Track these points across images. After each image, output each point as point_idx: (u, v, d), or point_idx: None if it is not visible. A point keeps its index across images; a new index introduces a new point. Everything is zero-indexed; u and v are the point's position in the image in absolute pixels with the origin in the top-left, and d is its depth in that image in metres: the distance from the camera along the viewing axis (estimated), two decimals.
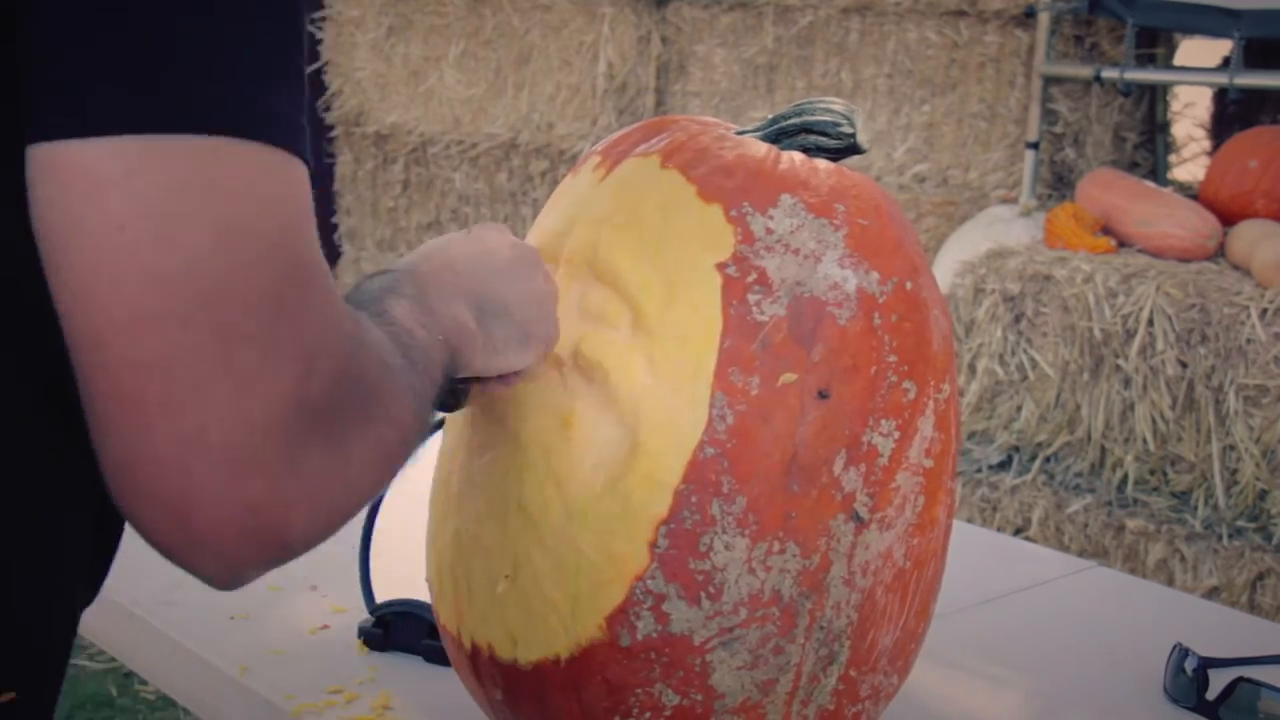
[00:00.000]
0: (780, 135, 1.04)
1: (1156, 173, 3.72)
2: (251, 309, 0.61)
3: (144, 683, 2.85)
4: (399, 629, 1.25)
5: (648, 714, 0.93)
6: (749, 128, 1.07)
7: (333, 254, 5.12)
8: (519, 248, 0.95)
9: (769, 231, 0.94)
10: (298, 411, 0.62)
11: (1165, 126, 3.80)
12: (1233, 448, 2.85)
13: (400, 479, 1.33)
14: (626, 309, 0.94)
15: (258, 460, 0.61)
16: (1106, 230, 3.18)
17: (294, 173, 0.64)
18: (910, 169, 3.76)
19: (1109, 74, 3.35)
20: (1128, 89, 3.42)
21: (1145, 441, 2.95)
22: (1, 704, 0.71)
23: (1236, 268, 3.01)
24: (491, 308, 0.89)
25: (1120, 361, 2.95)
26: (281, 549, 0.65)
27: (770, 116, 1.06)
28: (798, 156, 1.01)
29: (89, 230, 0.59)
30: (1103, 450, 3.03)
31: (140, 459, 0.61)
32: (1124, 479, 2.99)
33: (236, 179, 0.61)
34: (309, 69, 4.32)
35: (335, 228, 5.11)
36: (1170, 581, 2.88)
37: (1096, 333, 2.97)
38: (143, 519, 0.63)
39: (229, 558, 0.64)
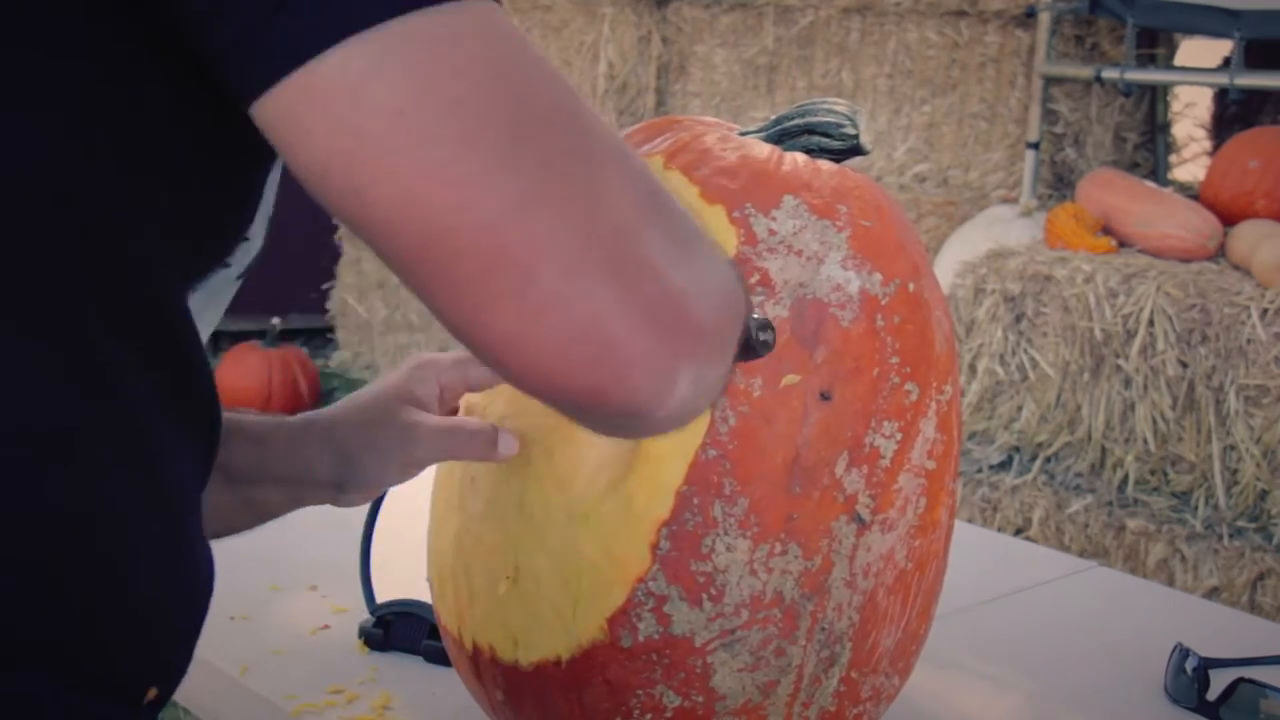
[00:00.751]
0: (783, 136, 1.04)
1: (1157, 173, 3.73)
2: (558, 131, 0.60)
3: None
4: (399, 629, 1.25)
5: (649, 715, 0.93)
6: (751, 128, 1.07)
7: (333, 254, 5.12)
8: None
9: (772, 233, 0.94)
10: (641, 206, 0.62)
11: (1166, 126, 3.80)
12: (1233, 448, 2.85)
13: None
14: None
15: (637, 260, 0.60)
16: (1107, 230, 3.18)
17: (498, 11, 0.62)
18: (911, 169, 3.76)
19: (1109, 74, 3.35)
20: (1128, 89, 3.42)
21: (1146, 441, 2.95)
22: (147, 702, 0.71)
23: (1237, 268, 3.01)
24: None
25: (1121, 361, 2.96)
26: (697, 336, 0.63)
27: (773, 117, 1.06)
28: (800, 157, 1.00)
29: (371, 133, 0.57)
30: (1103, 450, 3.03)
31: (539, 308, 0.59)
32: (1124, 479, 2.99)
33: (474, 27, 0.59)
34: None
35: (335, 228, 5.11)
36: (1171, 582, 2.88)
37: (1097, 333, 2.97)
38: (563, 372, 0.60)
39: (659, 363, 0.61)
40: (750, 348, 0.77)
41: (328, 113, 0.58)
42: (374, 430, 0.99)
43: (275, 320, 4.69)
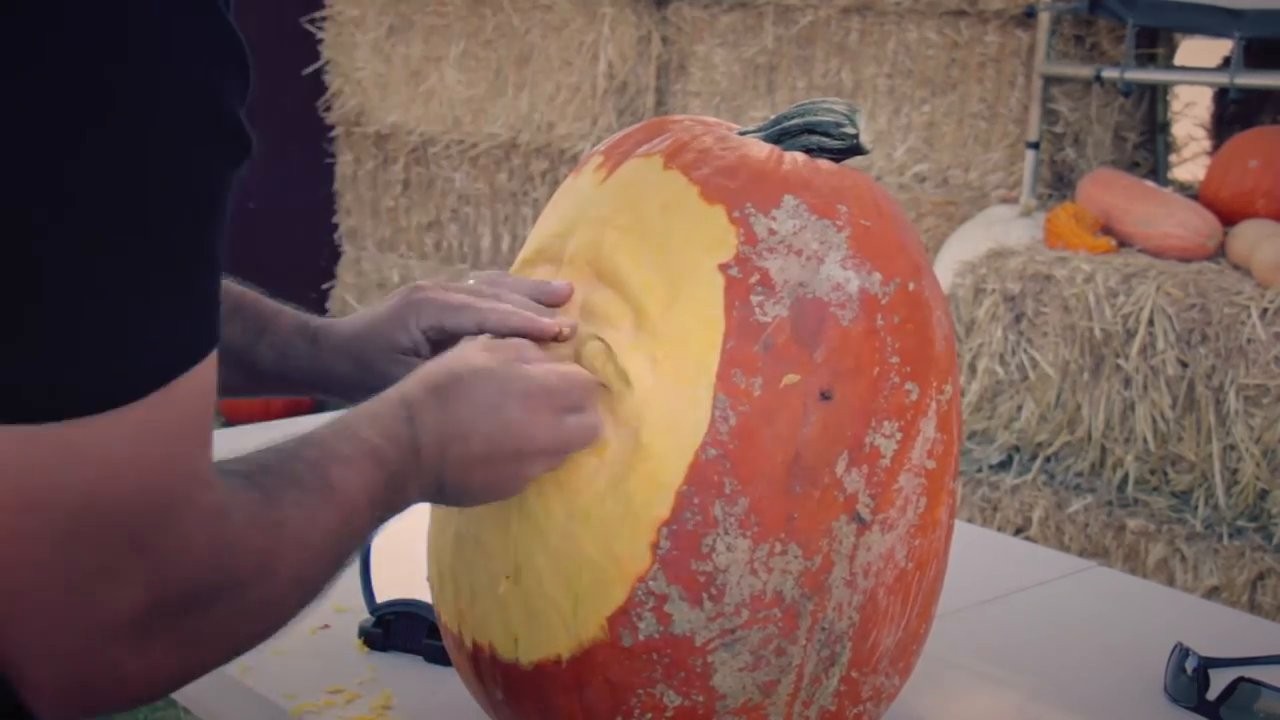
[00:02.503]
0: (782, 136, 1.04)
1: (1157, 173, 3.72)
2: (100, 545, 0.64)
3: None
4: (399, 629, 1.25)
5: (649, 715, 0.93)
6: (751, 128, 1.07)
7: (333, 254, 5.12)
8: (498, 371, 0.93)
9: (771, 233, 0.94)
10: (150, 617, 0.66)
11: (1165, 126, 3.80)
12: (1233, 447, 2.85)
13: None
14: (629, 310, 0.94)
15: (100, 657, 0.66)
16: (1107, 230, 3.18)
17: (162, 407, 0.65)
18: (910, 169, 3.76)
19: (1109, 74, 3.35)
20: (1128, 89, 3.42)
21: (1145, 441, 2.95)
22: None
23: (1237, 268, 3.00)
24: (476, 457, 0.90)
25: (1120, 361, 2.96)
26: (108, 707, 0.69)
27: (772, 117, 1.06)
28: (800, 157, 1.00)
29: None
30: (1103, 450, 3.03)
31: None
32: (1124, 479, 2.99)
33: (89, 447, 0.63)
34: (309, 69, 4.28)
35: (335, 228, 5.11)
36: (1170, 581, 2.88)
37: (1097, 332, 2.97)
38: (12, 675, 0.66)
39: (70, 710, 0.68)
40: None
41: None
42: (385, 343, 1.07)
43: None
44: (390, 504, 0.85)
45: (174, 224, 0.64)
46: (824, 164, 1.01)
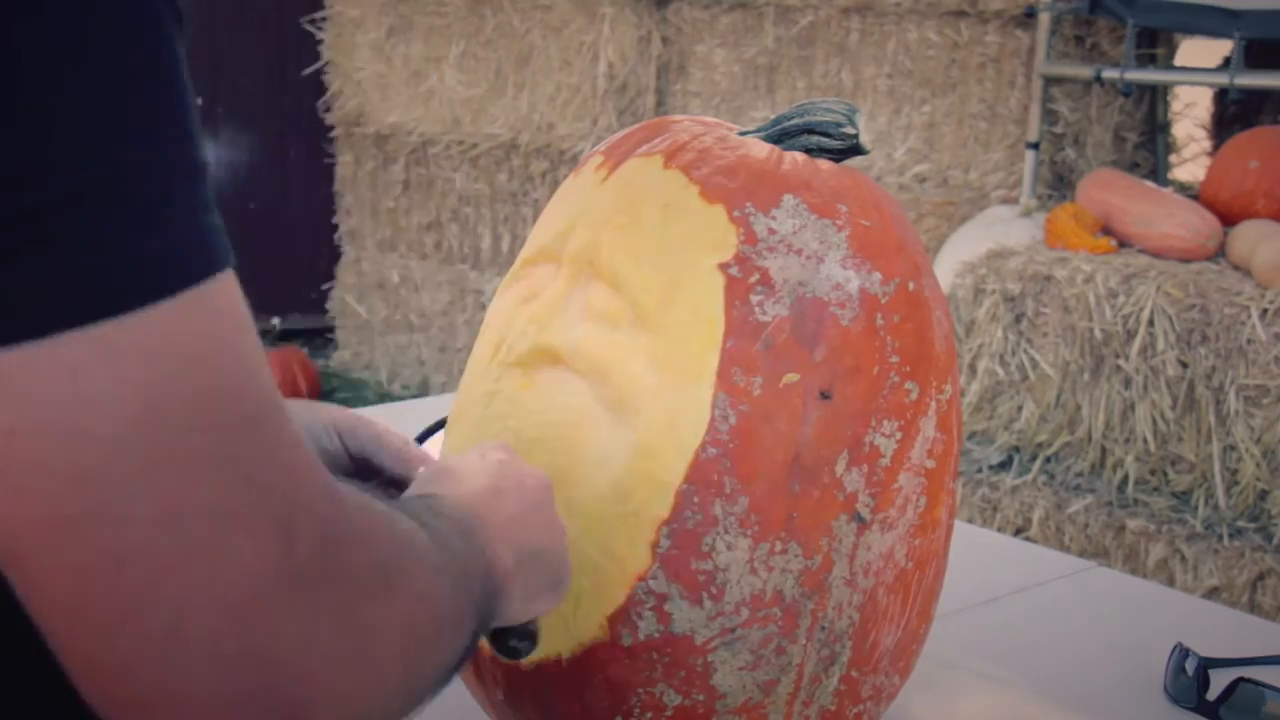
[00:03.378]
0: (782, 136, 1.04)
1: (1157, 173, 3.73)
2: (198, 483, 0.52)
3: None
4: None
5: (649, 714, 0.93)
6: (751, 128, 1.07)
7: (333, 254, 5.12)
8: (539, 480, 0.85)
9: (771, 232, 0.94)
10: (287, 582, 0.54)
11: (1165, 126, 3.80)
12: (1233, 448, 2.85)
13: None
14: (629, 309, 0.94)
15: (249, 647, 0.53)
16: (1107, 230, 3.18)
17: (211, 307, 0.54)
18: (910, 169, 3.76)
19: (1109, 74, 3.35)
20: (1128, 89, 3.42)
21: (1146, 441, 2.96)
22: None
23: (1237, 268, 3.01)
24: (529, 552, 0.80)
25: (1121, 362, 2.96)
26: None
27: (772, 117, 1.06)
28: (800, 157, 1.01)
29: None
30: (1103, 450, 3.03)
31: (119, 680, 0.52)
32: (1124, 479, 2.99)
33: (137, 349, 0.51)
34: (309, 69, 4.29)
35: (335, 228, 5.11)
36: (1171, 581, 2.89)
37: (1097, 333, 2.97)
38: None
39: None
40: (505, 647, 0.80)
41: None
42: None
43: (275, 320, 4.70)
44: (480, 569, 0.73)
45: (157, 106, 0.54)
46: (824, 164, 1.01)
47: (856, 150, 1.04)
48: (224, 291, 0.54)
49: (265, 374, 0.56)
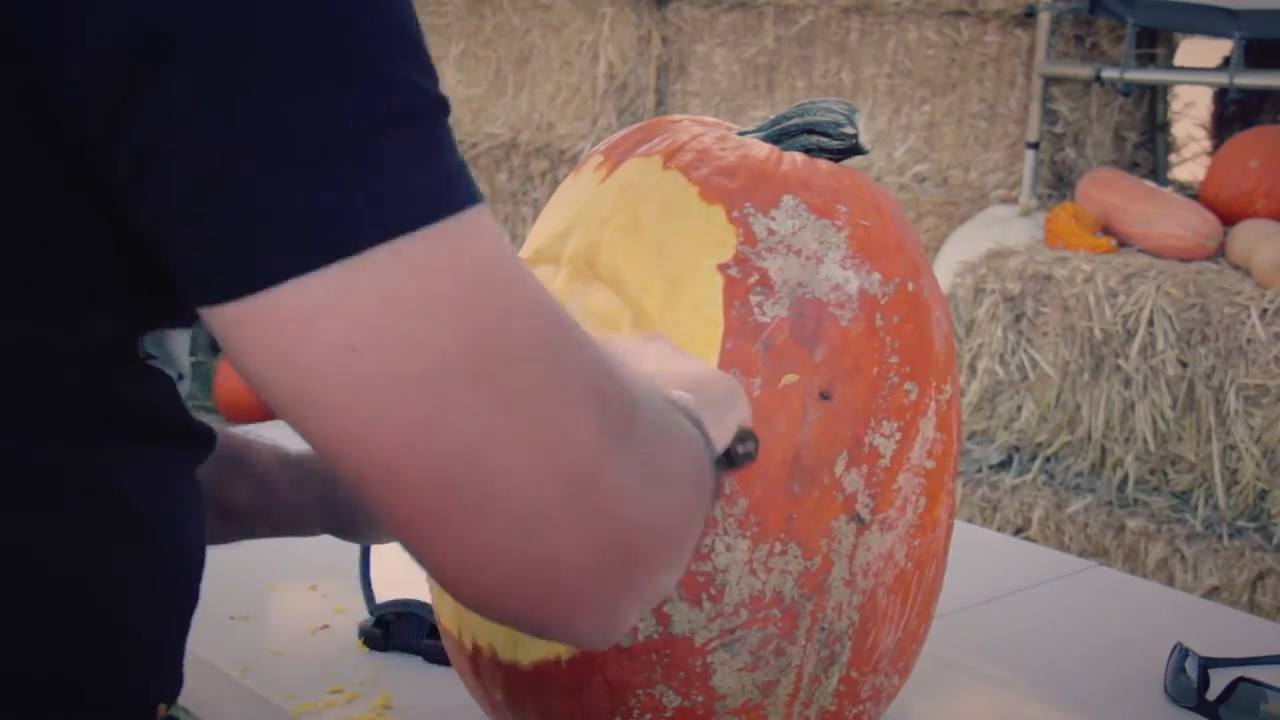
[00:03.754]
0: (782, 136, 1.04)
1: (1157, 173, 3.72)
2: (523, 367, 0.57)
3: None
4: (399, 629, 1.25)
5: (649, 715, 0.93)
6: (750, 128, 1.07)
7: None
8: (668, 341, 0.88)
9: (771, 232, 0.94)
10: (608, 443, 0.59)
11: (1165, 126, 3.80)
12: (1233, 448, 2.85)
13: None
14: (628, 310, 0.94)
15: (597, 503, 0.58)
16: (1106, 230, 3.18)
17: (482, 222, 0.58)
18: (910, 169, 3.76)
19: (1109, 74, 3.35)
20: (1128, 89, 3.42)
21: (1145, 441, 2.95)
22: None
23: (1237, 268, 3.01)
24: (709, 401, 0.79)
25: (1120, 361, 2.95)
26: (651, 573, 0.62)
27: (772, 117, 1.06)
28: (799, 157, 1.00)
29: (319, 371, 0.55)
30: (1103, 450, 3.03)
31: (485, 551, 0.57)
32: (1124, 479, 2.99)
33: (448, 257, 0.56)
34: None
35: None
36: (1170, 581, 2.88)
37: (1097, 333, 2.97)
38: (506, 605, 0.59)
39: (607, 604, 0.61)
40: (731, 460, 0.79)
41: (279, 340, 0.55)
42: None
43: None
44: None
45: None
46: (823, 164, 1.01)
47: (856, 150, 1.04)
48: (489, 215, 0.59)
49: (533, 274, 0.61)
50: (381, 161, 0.56)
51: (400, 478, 0.55)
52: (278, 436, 0.80)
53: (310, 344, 0.54)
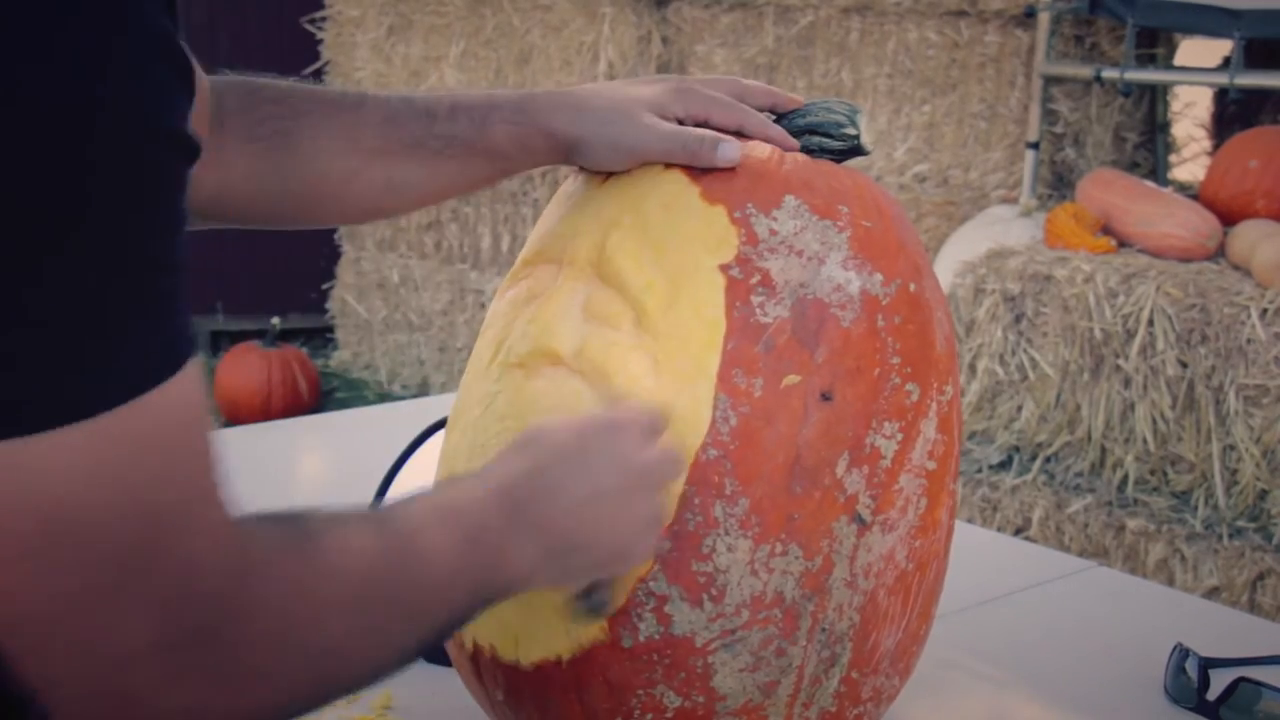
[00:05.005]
0: None
1: (1157, 173, 3.72)
2: (93, 571, 0.62)
3: None
4: None
5: (649, 715, 0.93)
6: None
7: (333, 254, 5.12)
8: (629, 465, 0.86)
9: (773, 233, 0.94)
10: (163, 652, 0.63)
11: (1165, 126, 3.80)
12: (1233, 448, 2.85)
13: (404, 477, 1.32)
14: (630, 310, 0.94)
15: (125, 698, 0.64)
16: (1107, 230, 3.18)
17: (148, 415, 0.62)
18: (910, 169, 3.76)
19: (1109, 74, 3.35)
20: (1128, 89, 3.42)
21: (1145, 441, 2.96)
22: None
23: (1237, 268, 3.01)
24: (570, 546, 0.84)
25: (1120, 361, 2.96)
26: None
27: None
28: (801, 158, 1.01)
29: None
30: (1103, 450, 3.03)
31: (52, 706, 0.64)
32: (1124, 479, 2.99)
33: (66, 461, 0.61)
34: (309, 69, 4.28)
35: (335, 228, 5.11)
36: (1170, 581, 2.89)
37: (1097, 333, 2.97)
38: None
39: None
40: (586, 605, 0.85)
41: None
42: (613, 114, 1.00)
43: (275, 320, 4.69)
44: (480, 565, 0.79)
45: (125, 228, 0.61)
46: (825, 165, 1.01)
47: (858, 151, 1.04)
48: (157, 405, 0.62)
49: (192, 468, 0.65)
50: (54, 346, 0.60)
51: None
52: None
53: None
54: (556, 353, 0.96)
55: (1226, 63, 3.37)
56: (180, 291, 0.63)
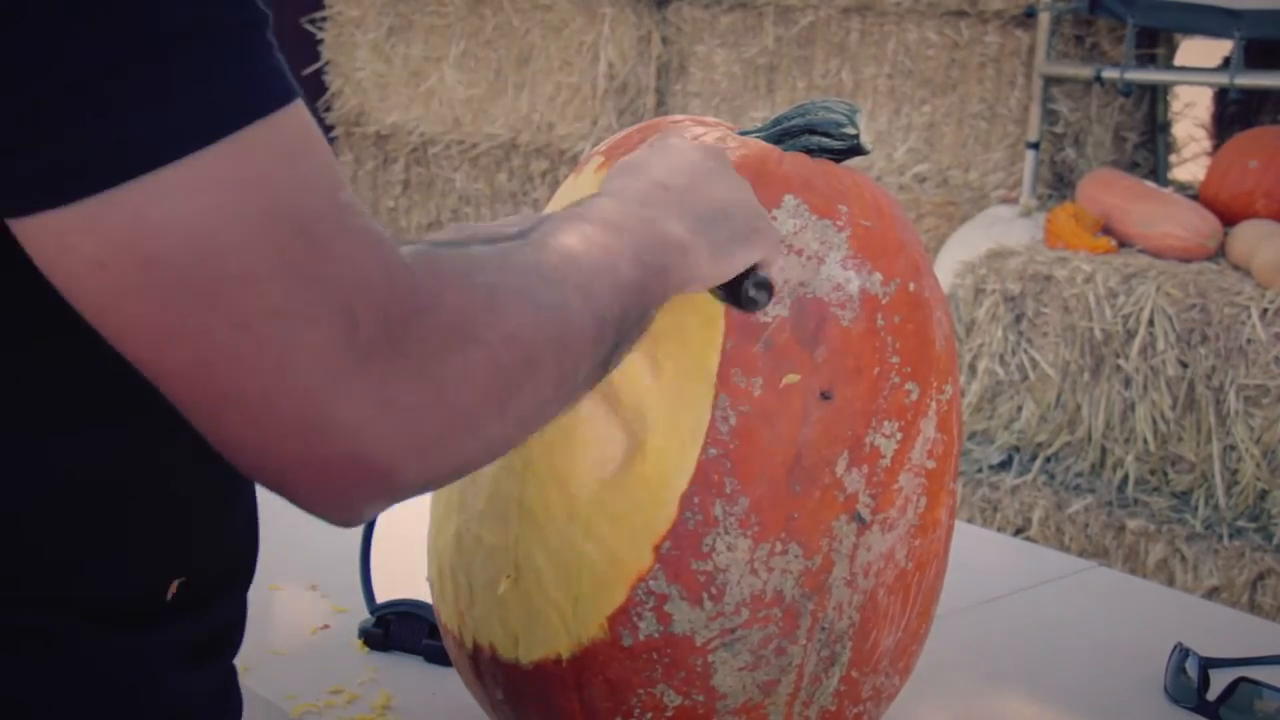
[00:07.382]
0: (783, 136, 1.04)
1: (1157, 173, 3.72)
2: (258, 290, 0.61)
3: None
4: (399, 629, 1.25)
5: (649, 714, 0.93)
6: (751, 129, 1.07)
7: None
8: (713, 152, 0.91)
9: None
10: (354, 360, 0.62)
11: (1165, 126, 3.80)
12: (1233, 448, 2.85)
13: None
14: None
15: (327, 416, 0.62)
16: (1107, 230, 3.19)
17: (256, 142, 0.62)
18: (910, 169, 3.76)
19: (1109, 74, 3.35)
20: (1128, 89, 3.42)
21: (1146, 441, 2.96)
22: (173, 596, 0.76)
23: (1237, 268, 3.01)
24: (709, 214, 0.85)
25: (1121, 361, 2.96)
26: (391, 486, 0.66)
27: (773, 117, 1.06)
28: (801, 157, 1.00)
29: (83, 279, 0.61)
30: (1103, 450, 3.03)
31: (232, 443, 0.64)
32: (1124, 479, 2.99)
33: (186, 187, 0.60)
34: (309, 69, 4.28)
35: None
36: (1171, 581, 2.89)
37: (1097, 333, 2.97)
38: (267, 482, 0.66)
39: (345, 503, 0.66)
40: (736, 297, 0.83)
41: (44, 254, 0.62)
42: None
43: None
44: (637, 231, 0.79)
45: None
46: (824, 164, 1.01)
47: (857, 150, 1.04)
48: (275, 126, 0.62)
49: (325, 180, 0.64)
50: (165, 84, 0.60)
51: (163, 382, 0.63)
52: None
53: (68, 259, 0.61)
54: None
55: (1226, 63, 3.37)
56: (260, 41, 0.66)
